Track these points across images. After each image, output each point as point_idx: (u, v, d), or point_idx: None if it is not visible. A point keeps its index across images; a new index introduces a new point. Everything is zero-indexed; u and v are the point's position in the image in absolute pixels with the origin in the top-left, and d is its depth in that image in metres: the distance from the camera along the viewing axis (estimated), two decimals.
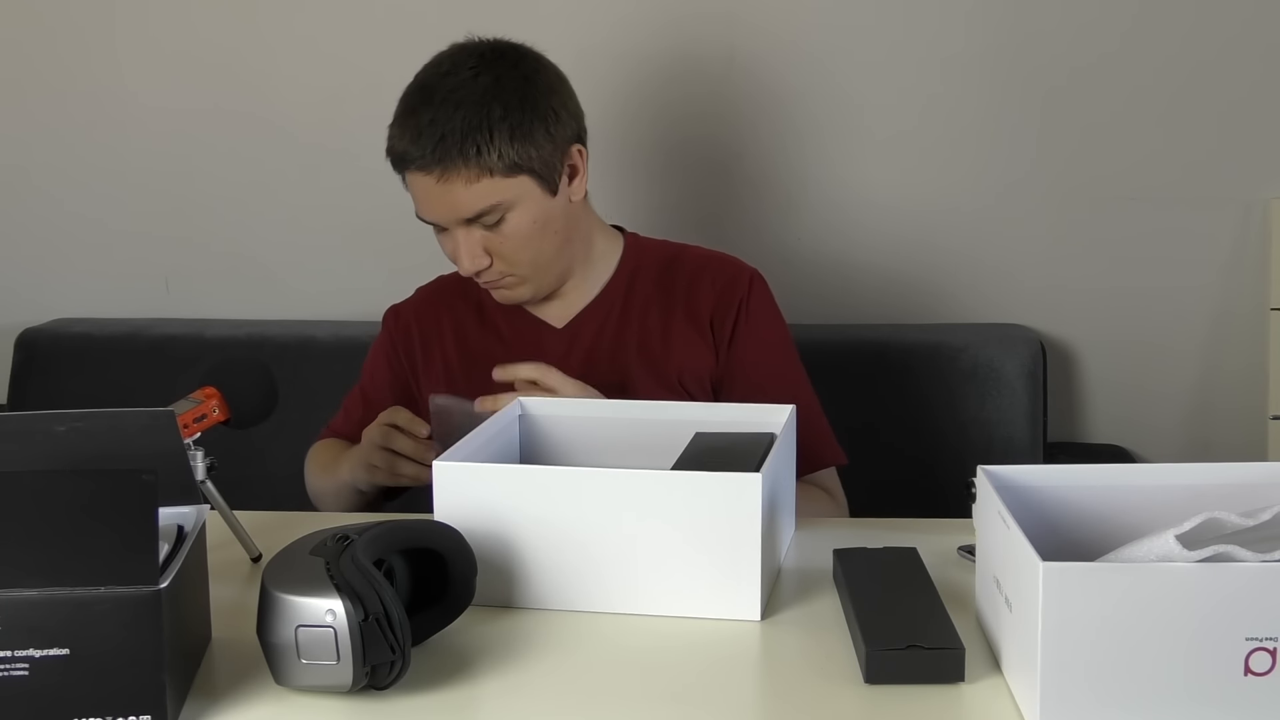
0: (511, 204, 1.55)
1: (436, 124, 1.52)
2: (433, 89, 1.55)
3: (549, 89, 1.59)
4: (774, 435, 1.30)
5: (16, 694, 0.91)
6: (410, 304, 1.80)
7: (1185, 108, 2.18)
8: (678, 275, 1.71)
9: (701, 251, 1.76)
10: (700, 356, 1.67)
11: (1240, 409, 2.25)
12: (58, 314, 2.39)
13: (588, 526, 1.16)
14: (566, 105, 1.61)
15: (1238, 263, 2.22)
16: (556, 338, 1.70)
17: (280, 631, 0.98)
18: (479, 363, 1.69)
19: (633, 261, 1.73)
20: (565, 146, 1.59)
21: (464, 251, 1.58)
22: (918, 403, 2.12)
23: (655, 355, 1.67)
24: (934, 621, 1.07)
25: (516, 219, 1.56)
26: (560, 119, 1.58)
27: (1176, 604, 0.90)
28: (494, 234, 1.57)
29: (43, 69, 2.37)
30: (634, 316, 1.69)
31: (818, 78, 2.23)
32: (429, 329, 1.75)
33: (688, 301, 1.69)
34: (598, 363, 1.67)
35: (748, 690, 1.07)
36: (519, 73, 1.57)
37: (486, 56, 1.57)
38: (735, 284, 1.70)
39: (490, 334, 1.72)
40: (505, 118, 1.53)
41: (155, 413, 1.11)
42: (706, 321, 1.68)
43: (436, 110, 1.52)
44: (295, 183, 2.35)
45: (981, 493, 1.10)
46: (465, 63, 1.56)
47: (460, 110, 1.52)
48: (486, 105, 1.52)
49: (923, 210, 2.25)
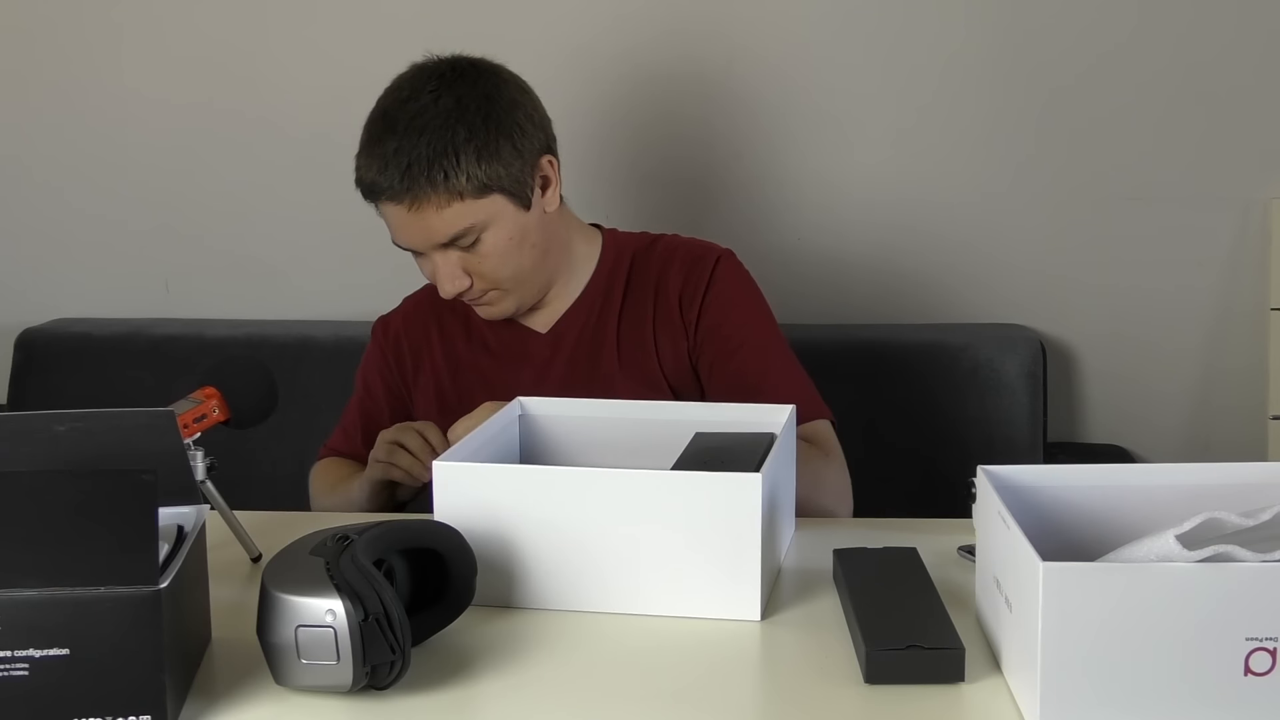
0: (485, 224, 1.54)
1: (402, 152, 1.50)
2: (395, 116, 1.53)
3: (512, 103, 1.57)
4: (774, 435, 1.30)
5: (16, 694, 0.91)
6: (398, 315, 1.79)
7: (1185, 107, 2.18)
8: (649, 265, 1.70)
9: (674, 239, 1.74)
10: (676, 343, 1.66)
11: (1240, 409, 2.25)
12: (58, 314, 2.39)
13: (588, 526, 1.16)
14: (532, 118, 1.59)
15: (1238, 263, 2.22)
16: (541, 343, 1.69)
17: (280, 631, 0.98)
18: (467, 373, 1.70)
19: (611, 259, 1.72)
20: (534, 159, 1.58)
21: (443, 275, 1.57)
22: (917, 403, 2.12)
23: (634, 352, 1.66)
24: (934, 621, 1.07)
25: (492, 238, 1.55)
26: (526, 133, 1.56)
27: (1176, 604, 0.90)
28: (471, 255, 1.56)
29: (44, 68, 2.37)
30: (611, 312, 1.69)
31: (817, 78, 2.23)
32: (418, 341, 1.75)
33: (658, 289, 1.68)
34: (579, 365, 1.67)
35: (748, 690, 1.07)
36: (480, 91, 1.55)
37: (446, 77, 1.55)
38: (701, 263, 1.68)
39: (477, 345, 1.72)
40: (470, 139, 1.51)
41: (155, 413, 1.11)
42: (676, 305, 1.66)
43: (401, 139, 1.50)
44: (295, 183, 2.35)
45: (981, 493, 1.10)
46: (425, 86, 1.54)
47: (424, 136, 1.50)
48: (450, 128, 1.51)
49: (922, 210, 2.25)
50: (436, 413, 1.67)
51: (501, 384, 1.63)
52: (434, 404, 1.70)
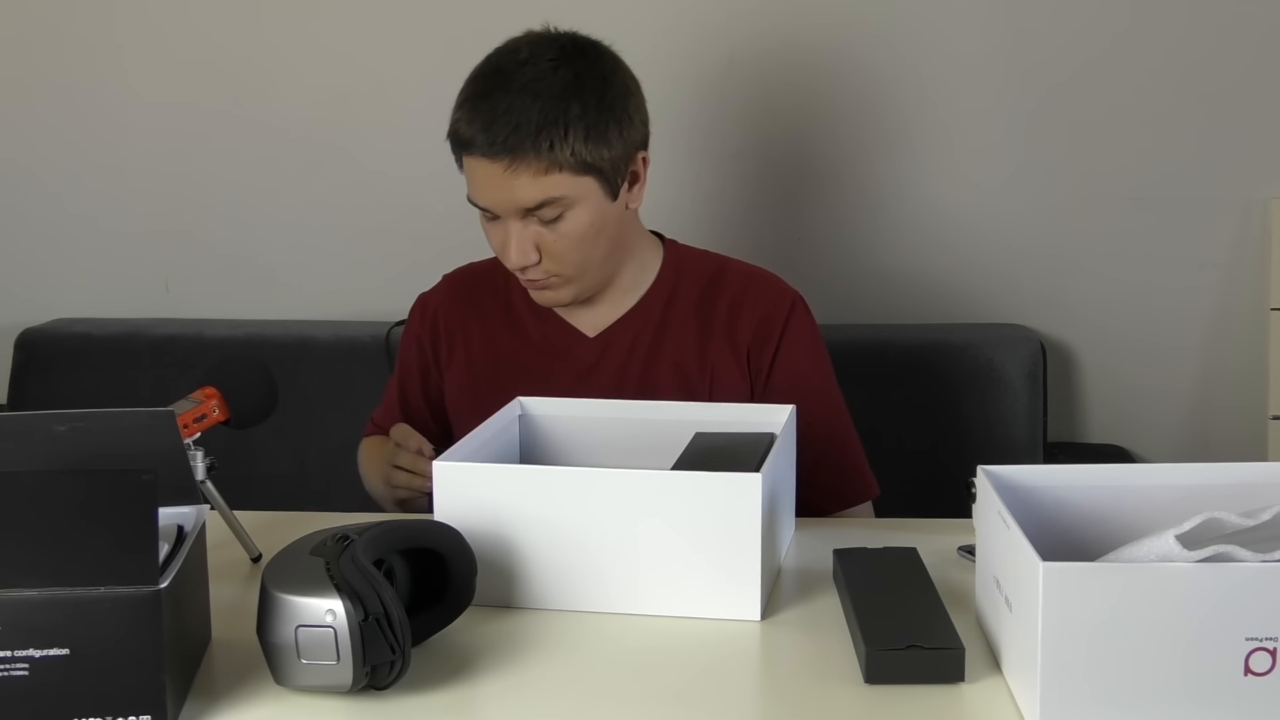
0: (573, 202, 1.52)
1: (513, 111, 1.47)
2: (510, 75, 1.50)
3: (625, 91, 1.56)
4: (774, 435, 1.30)
5: (16, 694, 0.91)
6: (437, 294, 1.76)
7: (1185, 107, 2.18)
8: (719, 295, 1.67)
9: (744, 269, 1.71)
10: (735, 383, 1.63)
11: (1240, 409, 2.25)
12: (58, 314, 2.39)
13: (588, 526, 1.16)
14: (640, 110, 1.58)
15: (1238, 263, 2.22)
16: (588, 346, 1.66)
17: (280, 631, 0.98)
18: (504, 363, 1.67)
19: (673, 275, 1.68)
20: (633, 152, 1.56)
21: (514, 245, 1.54)
22: (918, 402, 2.12)
23: (690, 375, 1.63)
24: (934, 621, 1.07)
25: (575, 218, 1.53)
26: (633, 123, 1.55)
27: (1176, 604, 0.90)
28: (548, 230, 1.53)
29: (44, 68, 2.36)
30: (671, 333, 1.65)
31: (816, 78, 2.23)
32: (454, 323, 1.71)
33: (728, 324, 1.65)
34: (629, 376, 1.64)
35: (748, 690, 1.07)
36: (598, 71, 1.53)
37: (567, 50, 1.53)
38: (775, 312, 1.65)
39: (518, 336, 1.68)
40: (582, 116, 1.49)
41: (155, 413, 1.11)
42: (744, 348, 1.64)
43: (514, 98, 1.48)
44: (296, 183, 2.35)
45: (981, 493, 1.10)
46: (545, 53, 1.51)
47: (538, 102, 1.48)
48: (565, 101, 1.49)
49: (923, 210, 2.25)
50: (468, 396, 1.66)
51: (541, 377, 1.61)
52: (466, 388, 1.68)
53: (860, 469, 1.65)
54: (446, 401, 1.69)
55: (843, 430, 1.65)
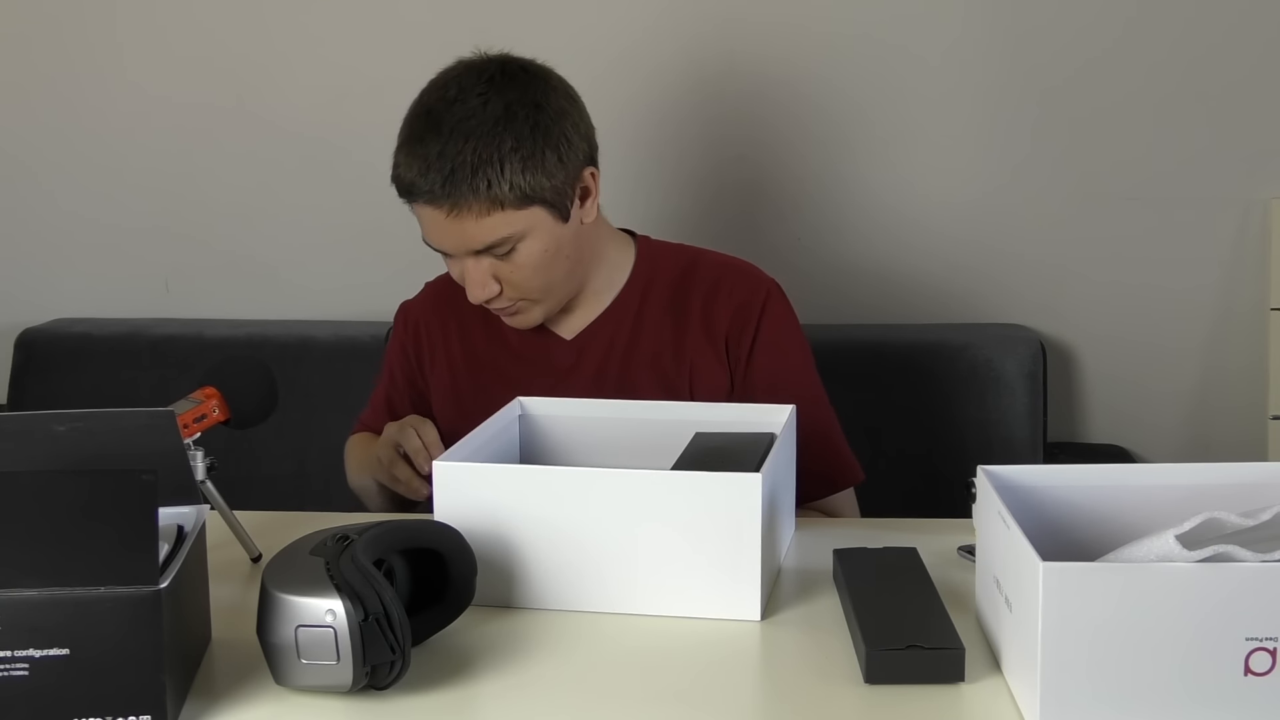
0: (523, 234, 1.50)
1: (445, 156, 1.45)
2: (440, 116, 1.47)
3: (560, 113, 1.52)
4: (774, 435, 1.30)
5: (16, 694, 0.91)
6: (418, 302, 1.77)
7: (1185, 107, 2.18)
8: (693, 287, 1.66)
9: (717, 259, 1.70)
10: (714, 374, 1.63)
11: (1240, 409, 2.25)
12: (58, 314, 2.39)
13: (587, 526, 1.16)
14: (578, 127, 1.54)
15: (1238, 263, 2.22)
16: (565, 349, 1.66)
17: (280, 631, 0.98)
18: (485, 369, 1.67)
19: (646, 271, 1.68)
20: (577, 171, 1.54)
21: (473, 281, 1.53)
22: (917, 403, 2.12)
23: (667, 370, 1.63)
24: (934, 621, 1.07)
25: (528, 249, 1.52)
26: (572, 143, 1.52)
27: (1176, 604, 0.90)
28: (505, 263, 1.52)
29: (44, 67, 2.37)
30: (646, 329, 1.65)
31: (816, 78, 2.23)
32: (435, 330, 1.72)
33: (703, 316, 1.64)
34: (607, 375, 1.64)
35: (748, 690, 1.07)
36: (529, 98, 1.50)
37: (495, 80, 1.49)
38: (751, 300, 1.64)
39: (497, 342, 1.69)
40: (517, 149, 1.47)
41: (155, 413, 1.11)
42: (722, 339, 1.63)
43: (446, 141, 1.45)
44: (296, 183, 2.35)
45: (981, 493, 1.10)
46: (473, 87, 1.48)
47: (470, 142, 1.45)
48: (497, 136, 1.46)
49: (922, 210, 2.25)
50: (451, 403, 1.66)
51: (519, 381, 1.61)
52: (449, 394, 1.69)
53: (844, 454, 1.65)
54: (433, 408, 1.70)
55: (825, 416, 1.65)
